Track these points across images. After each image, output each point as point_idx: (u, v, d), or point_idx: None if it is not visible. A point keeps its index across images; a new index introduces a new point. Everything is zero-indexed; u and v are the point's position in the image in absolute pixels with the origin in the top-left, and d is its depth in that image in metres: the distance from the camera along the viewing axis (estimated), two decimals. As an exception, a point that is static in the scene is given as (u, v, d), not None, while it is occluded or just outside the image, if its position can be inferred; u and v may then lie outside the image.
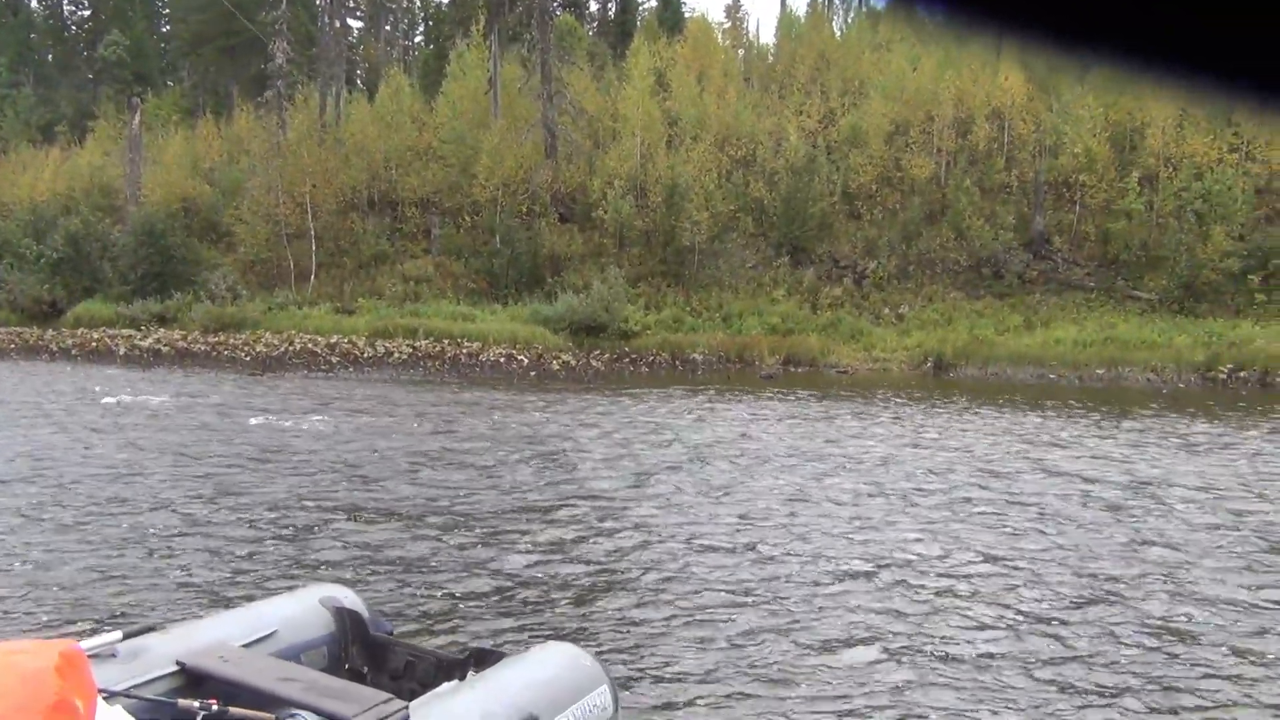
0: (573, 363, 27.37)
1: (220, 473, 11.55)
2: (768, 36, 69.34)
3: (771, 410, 18.44)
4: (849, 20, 51.11)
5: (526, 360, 27.33)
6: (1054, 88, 35.02)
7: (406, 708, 3.23)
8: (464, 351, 27.92)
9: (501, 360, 27.32)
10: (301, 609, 4.22)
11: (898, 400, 20.47)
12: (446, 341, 28.49)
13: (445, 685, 3.74)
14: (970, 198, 32.19)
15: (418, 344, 28.35)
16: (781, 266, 32.58)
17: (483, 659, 4.02)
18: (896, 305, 30.83)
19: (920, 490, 11.07)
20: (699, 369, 27.35)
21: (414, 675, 4.16)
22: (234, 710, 3.14)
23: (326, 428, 15.39)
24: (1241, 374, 24.49)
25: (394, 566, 7.80)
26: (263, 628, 3.97)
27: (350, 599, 4.37)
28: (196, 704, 3.13)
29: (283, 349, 28.38)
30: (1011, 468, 12.51)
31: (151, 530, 8.86)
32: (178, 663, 3.53)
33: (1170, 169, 31.27)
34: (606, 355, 28.22)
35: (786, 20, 50.50)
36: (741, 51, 50.30)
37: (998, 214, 32.15)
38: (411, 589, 7.21)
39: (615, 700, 4.02)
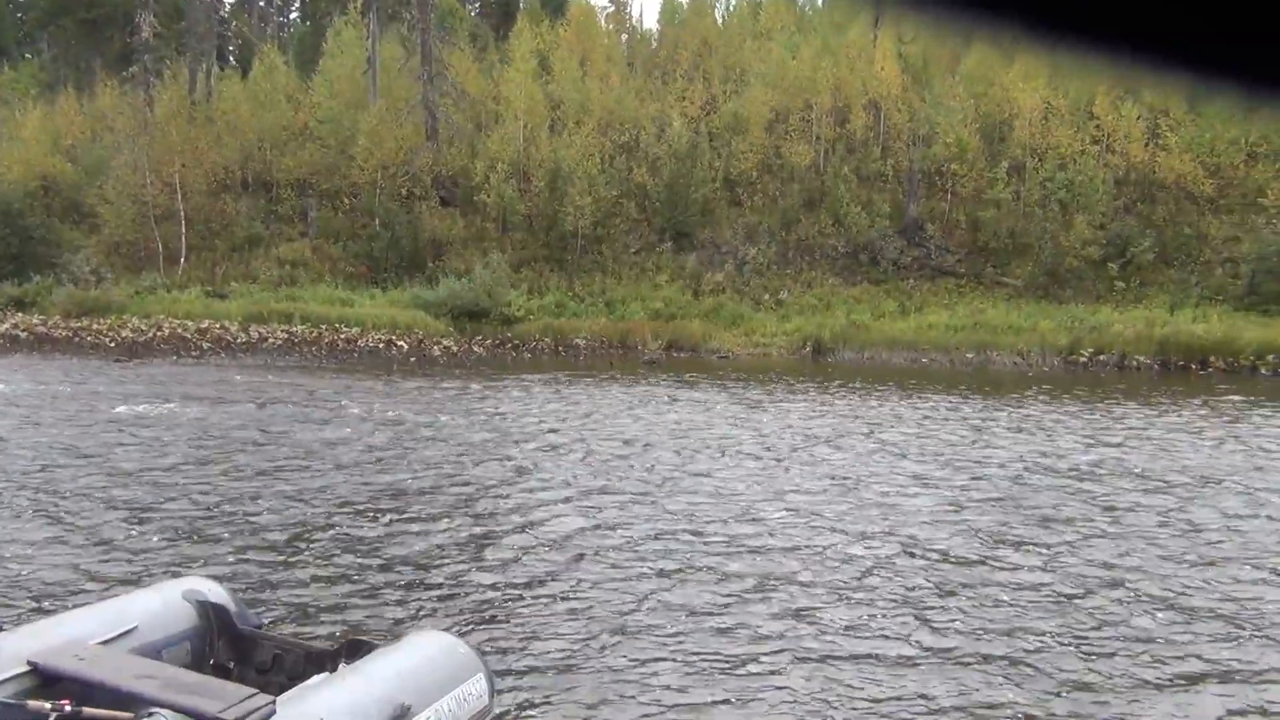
0: (454, 348, 27.08)
1: (73, 463, 11.07)
2: (651, 22, 69.55)
3: (651, 394, 18.55)
4: (731, 7, 51.51)
5: (407, 346, 26.93)
6: (927, 79, 36.02)
7: (273, 702, 3.13)
8: (342, 337, 27.35)
9: (381, 346, 26.86)
10: (164, 604, 4.07)
11: (774, 384, 20.80)
12: (324, 327, 27.85)
13: (315, 678, 3.67)
14: (848, 186, 32.87)
15: (294, 329, 27.65)
16: (664, 252, 32.80)
17: (354, 650, 3.94)
18: (776, 291, 31.32)
19: (781, 466, 11.29)
20: (582, 354, 27.34)
21: (282, 668, 4.06)
22: (89, 711, 3.01)
23: (192, 414, 14.89)
24: (1101, 357, 25.61)
25: (264, 558, 7.59)
26: (122, 624, 3.81)
27: (216, 592, 4.23)
28: (48, 705, 3.00)
29: (150, 334, 27.35)
30: (851, 443, 12.85)
31: None
32: (29, 663, 3.37)
33: (1036, 160, 32.46)
34: (489, 341, 28.01)
35: (670, 6, 50.72)
36: (625, 36, 50.33)
37: (874, 202, 32.91)
38: (283, 581, 7.04)
39: (491, 688, 3.99)
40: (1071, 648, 6.01)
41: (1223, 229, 31.15)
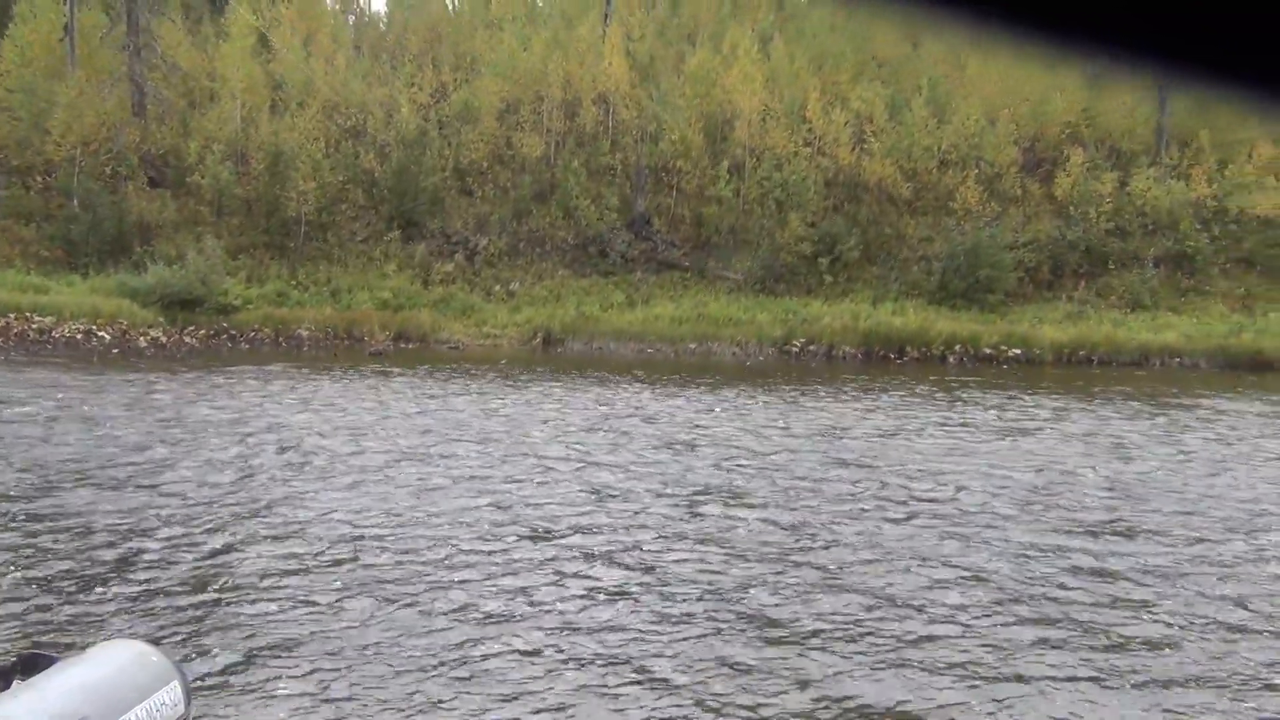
0: (164, 339, 25.46)
1: None
2: (380, 4, 67.76)
3: (374, 386, 18.17)
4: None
5: (109, 336, 25.04)
6: (654, 76, 37.04)
7: None
8: (33, 327, 25.08)
9: (80, 336, 24.85)
10: None
11: (500, 375, 20.90)
12: (13, 316, 25.39)
13: (-19, 697, 3.38)
14: (578, 178, 33.30)
15: (-26, 318, 25.10)
16: (393, 241, 32.06)
17: (31, 664, 3.65)
18: (507, 282, 31.36)
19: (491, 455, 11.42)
20: (305, 345, 26.38)
21: (-57, 689, 3.71)
22: None
23: None
24: (811, 347, 27.31)
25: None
26: None
27: None
28: None
29: None
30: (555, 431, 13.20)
31: None
32: None
33: (755, 160, 34.06)
34: (203, 331, 26.49)
35: (399, -11, 49.54)
36: (352, 18, 48.74)
37: (603, 195, 33.53)
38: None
39: (187, 696, 3.80)
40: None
41: (918, 229, 33.86)
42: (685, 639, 6.26)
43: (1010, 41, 1.00)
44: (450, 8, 47.87)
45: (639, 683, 5.62)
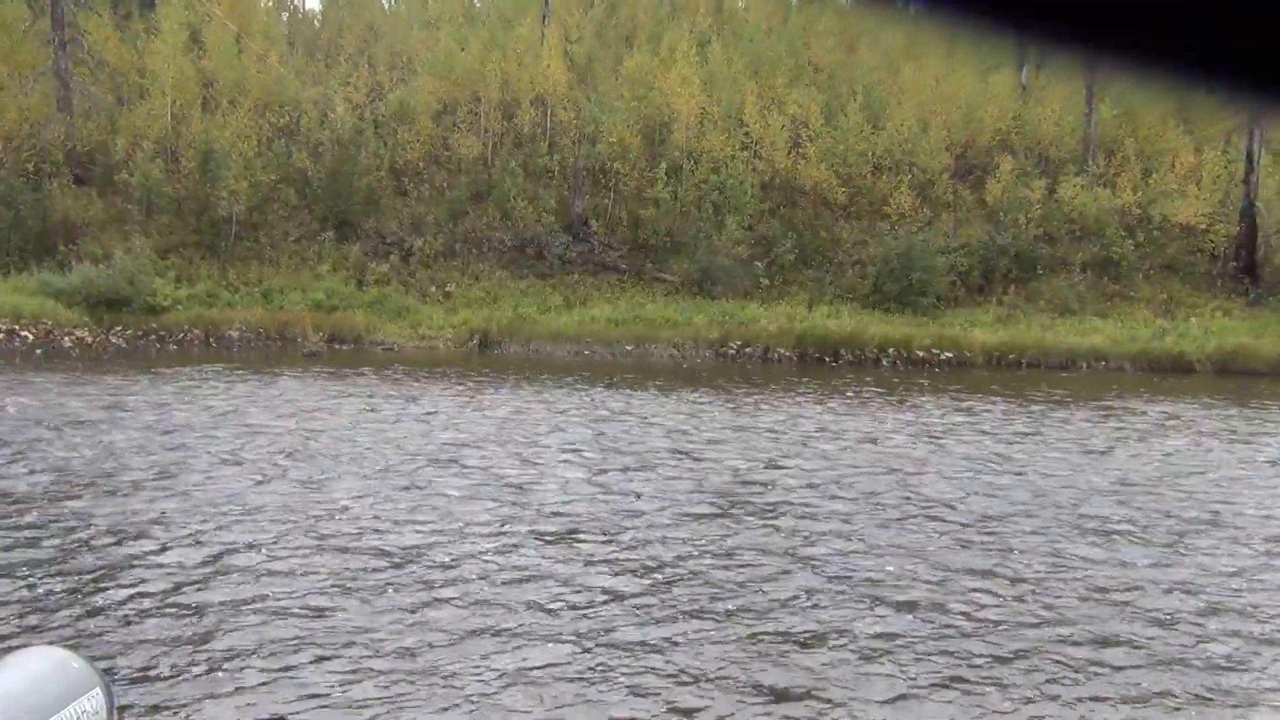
0: (89, 340, 24.89)
1: None
2: (314, 1, 66.91)
3: (303, 387, 17.95)
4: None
5: (32, 337, 24.42)
6: (592, 78, 37.04)
7: None
8: (-49, 327, 24.39)
9: (1, 336, 24.20)
10: None
11: (432, 377, 20.77)
12: (-72, 315, 24.71)
13: (-117, 713, 3.29)
14: (515, 180, 33.16)
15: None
16: (327, 241, 31.62)
17: (-58, 674, 3.57)
18: (444, 283, 31.12)
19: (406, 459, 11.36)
20: (236, 347, 25.95)
21: None
22: None
23: None
24: (748, 350, 27.48)
25: None
26: None
27: None
28: None
29: None
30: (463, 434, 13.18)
31: None
32: None
33: (693, 162, 34.19)
34: (130, 332, 25.93)
35: (335, -14, 48.97)
36: (286, 15, 48.10)
37: (541, 197, 33.41)
38: None
39: (110, 703, 3.73)
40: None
41: (853, 233, 34.25)
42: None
43: (966, 30, 1.02)
44: (386, 6, 47.52)
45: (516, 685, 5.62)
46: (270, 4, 46.35)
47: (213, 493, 9.82)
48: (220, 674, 5.58)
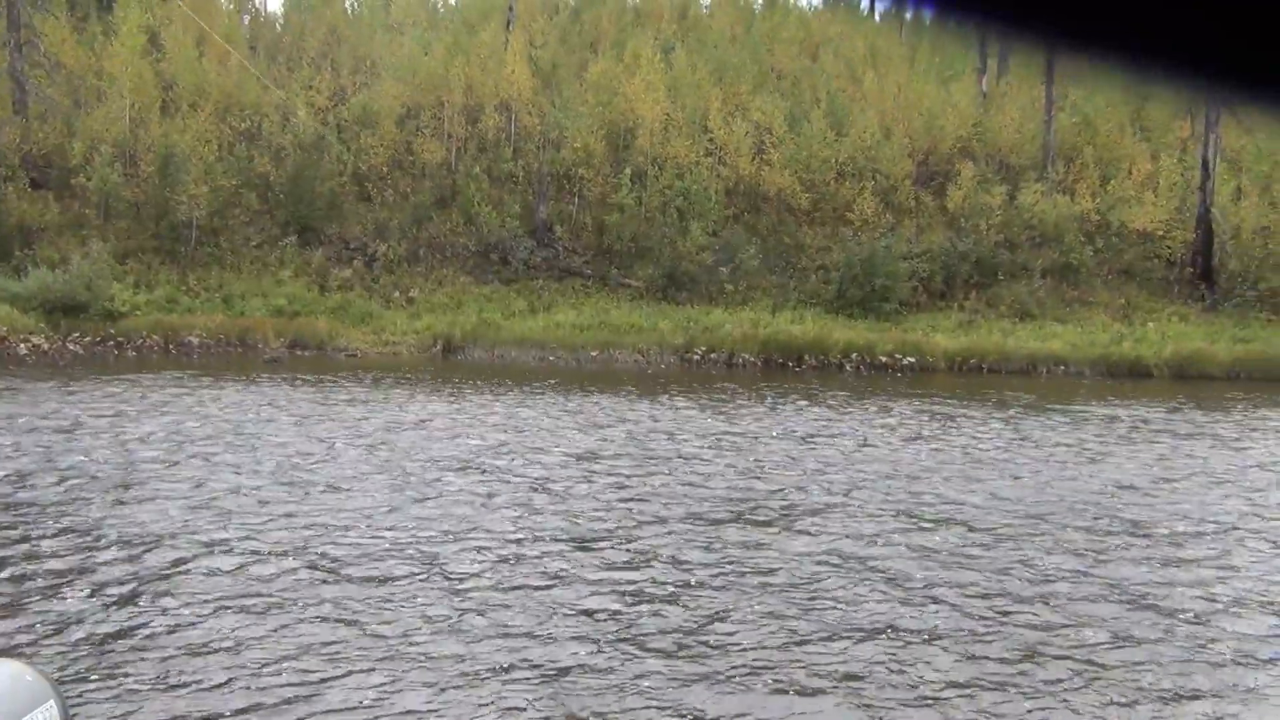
0: (45, 346, 24.54)
1: None
2: (276, 4, 66.49)
3: (263, 394, 17.79)
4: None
5: (-13, 343, 24.05)
6: (556, 83, 37.00)
7: None
8: (-98, 333, 23.96)
9: (-46, 343, 23.82)
10: None
11: (395, 382, 20.67)
12: (-122, 321, 24.25)
13: None
14: (479, 185, 33.06)
15: None
16: (288, 246, 31.35)
17: (-108, 685, 3.49)
18: (407, 289, 30.96)
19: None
20: (196, 353, 25.67)
21: None
22: None
23: None
24: (713, 355, 27.56)
25: None
26: None
27: None
28: None
29: None
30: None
31: None
32: None
33: (657, 168, 34.23)
34: (88, 338, 25.58)
35: (297, -11, 48.56)
36: (247, 18, 47.61)
37: (505, 202, 33.33)
38: None
39: (64, 715, 3.69)
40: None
41: (816, 239, 34.42)
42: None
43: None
44: (349, 10, 47.16)
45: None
46: (231, 7, 45.92)
47: (143, 508, 9.71)
48: (174, 683, 5.51)
